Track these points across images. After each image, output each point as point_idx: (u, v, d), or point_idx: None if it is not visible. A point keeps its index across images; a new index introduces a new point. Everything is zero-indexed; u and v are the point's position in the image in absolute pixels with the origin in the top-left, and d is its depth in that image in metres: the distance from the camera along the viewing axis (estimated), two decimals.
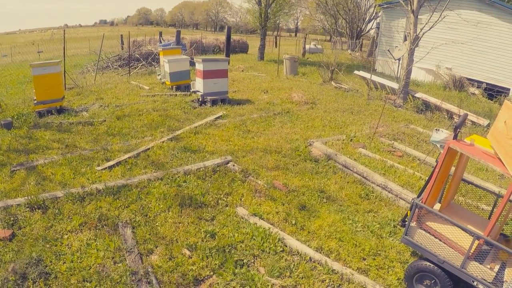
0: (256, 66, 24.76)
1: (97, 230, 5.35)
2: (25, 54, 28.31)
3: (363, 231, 5.81)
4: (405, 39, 20.05)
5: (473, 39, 19.65)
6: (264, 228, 5.50)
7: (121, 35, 33.53)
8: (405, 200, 6.68)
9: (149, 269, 4.59)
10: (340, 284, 4.63)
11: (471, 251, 4.09)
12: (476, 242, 4.07)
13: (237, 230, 5.52)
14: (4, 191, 6.40)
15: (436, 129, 8.95)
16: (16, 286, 4.25)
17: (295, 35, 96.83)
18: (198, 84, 12.76)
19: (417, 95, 14.63)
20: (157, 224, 5.59)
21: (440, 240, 4.42)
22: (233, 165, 7.61)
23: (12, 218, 5.53)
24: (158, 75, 17.20)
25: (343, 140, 9.52)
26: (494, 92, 19.12)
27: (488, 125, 12.31)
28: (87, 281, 4.38)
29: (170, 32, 43.54)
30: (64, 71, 14.23)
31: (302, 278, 4.67)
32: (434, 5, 14.15)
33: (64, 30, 16.62)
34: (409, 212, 4.82)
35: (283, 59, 21.36)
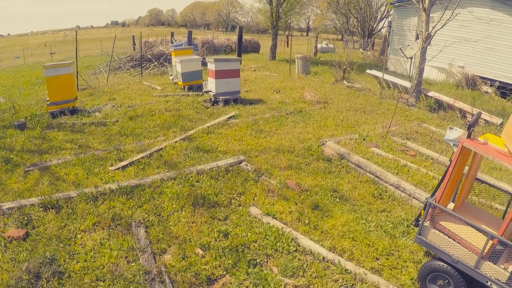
0: (268, 65, 24.74)
1: (111, 230, 5.39)
2: (37, 56, 28.68)
3: (376, 230, 5.78)
4: (417, 38, 19.93)
5: (486, 37, 19.37)
6: (277, 228, 5.50)
7: (133, 36, 33.64)
8: (418, 200, 6.62)
9: (162, 269, 4.61)
10: (353, 284, 4.60)
11: (485, 251, 4.05)
12: (490, 242, 4.03)
13: (250, 229, 5.52)
14: (18, 191, 6.48)
15: (449, 128, 8.87)
16: (30, 285, 4.29)
17: (307, 34, 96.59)
18: (210, 84, 12.80)
19: (430, 94, 14.50)
20: (170, 223, 5.61)
21: (453, 239, 4.38)
22: (246, 165, 7.62)
23: (26, 218, 5.59)
24: (170, 75, 17.27)
25: (356, 139, 9.48)
26: (507, 91, 18.87)
27: (502, 124, 12.16)
28: (100, 280, 4.41)
29: (181, 33, 43.65)
30: (77, 72, 14.37)
31: (315, 277, 4.66)
32: (446, 3, 13.98)
33: (76, 32, 16.75)
34: (422, 211, 4.78)
35: (295, 59, 21.30)
